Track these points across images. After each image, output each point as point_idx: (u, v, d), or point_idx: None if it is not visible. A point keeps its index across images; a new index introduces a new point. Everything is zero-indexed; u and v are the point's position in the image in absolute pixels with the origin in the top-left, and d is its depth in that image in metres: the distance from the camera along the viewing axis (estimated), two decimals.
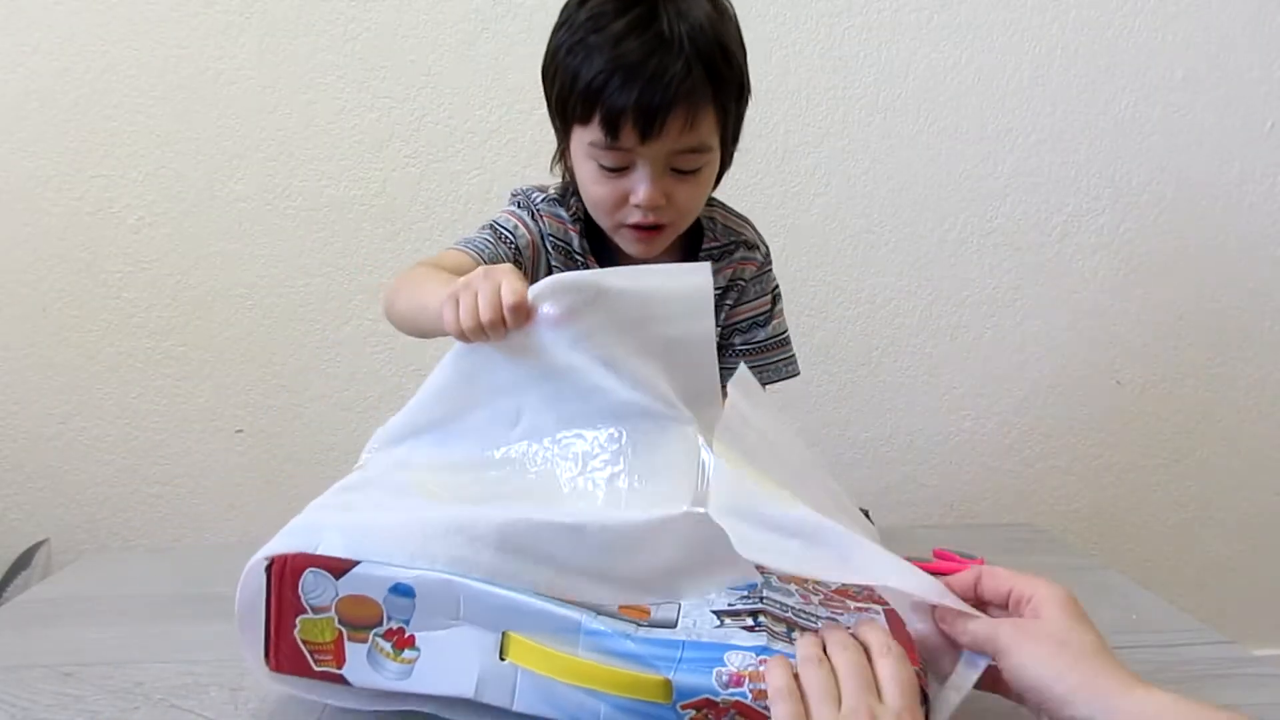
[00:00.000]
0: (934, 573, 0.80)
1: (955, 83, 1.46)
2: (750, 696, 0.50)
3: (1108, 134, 1.50)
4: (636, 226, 0.78)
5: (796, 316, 1.51)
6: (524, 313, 0.58)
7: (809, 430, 1.54)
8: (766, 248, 0.93)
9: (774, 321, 0.96)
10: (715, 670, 0.51)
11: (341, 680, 0.55)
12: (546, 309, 0.59)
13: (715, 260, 0.88)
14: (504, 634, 0.54)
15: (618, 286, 0.61)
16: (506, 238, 0.83)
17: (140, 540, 1.45)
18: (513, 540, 0.55)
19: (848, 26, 1.42)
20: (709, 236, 0.89)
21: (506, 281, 0.58)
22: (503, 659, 0.54)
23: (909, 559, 0.91)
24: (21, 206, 1.34)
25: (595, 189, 0.78)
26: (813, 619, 0.57)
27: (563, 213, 0.86)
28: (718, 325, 0.91)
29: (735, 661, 0.51)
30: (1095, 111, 1.50)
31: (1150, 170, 1.52)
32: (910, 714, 0.46)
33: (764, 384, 0.98)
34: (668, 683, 0.51)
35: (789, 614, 0.56)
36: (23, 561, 1.37)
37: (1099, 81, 1.49)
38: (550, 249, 0.85)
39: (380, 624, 0.54)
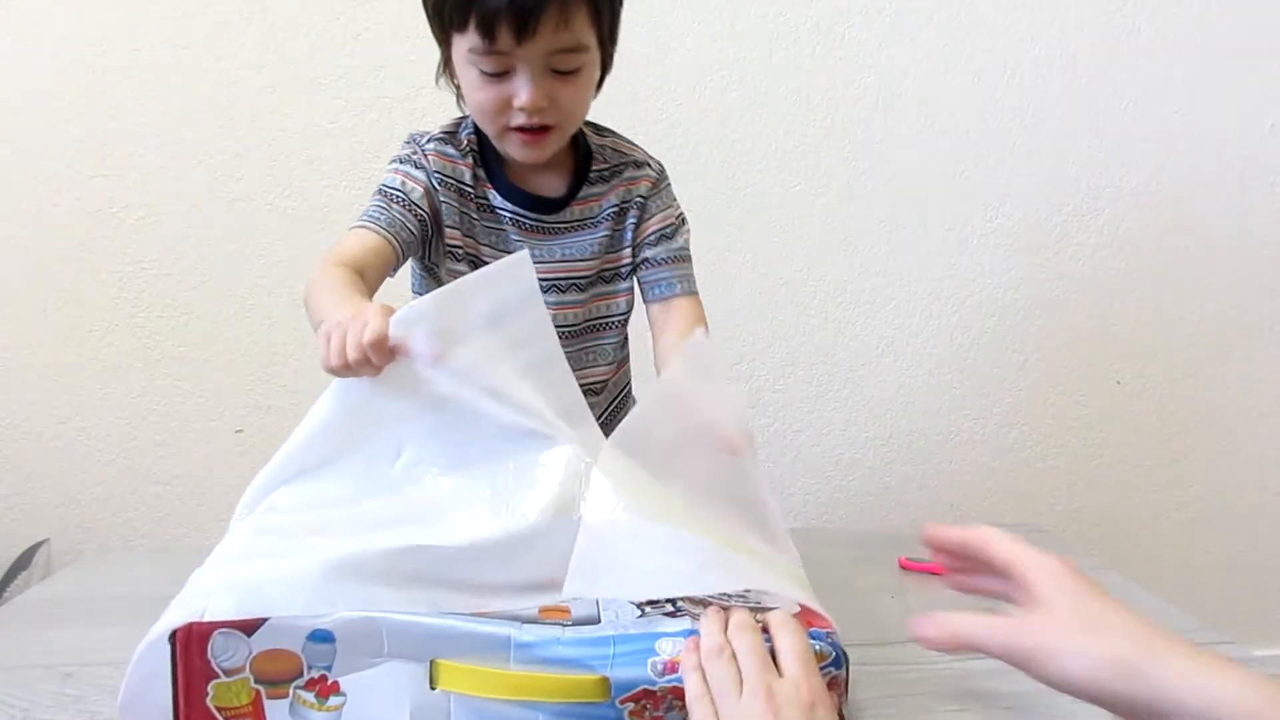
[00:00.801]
0: (934, 573, 0.80)
1: (955, 83, 1.46)
2: None
3: (1108, 134, 1.50)
4: (522, 130, 0.79)
5: (797, 316, 1.51)
6: (384, 351, 0.59)
7: (809, 430, 1.54)
8: (660, 165, 0.94)
9: (683, 238, 0.94)
10: (650, 660, 0.52)
11: None
12: (417, 344, 0.59)
13: (605, 180, 0.90)
14: (432, 662, 0.53)
15: (466, 313, 0.60)
16: (397, 197, 0.83)
17: (140, 540, 1.44)
18: (402, 569, 0.55)
19: (848, 26, 1.42)
20: (599, 159, 0.90)
21: (371, 322, 0.59)
22: (434, 688, 0.53)
23: (910, 559, 0.91)
24: (22, 206, 1.34)
25: (478, 95, 0.79)
26: (726, 597, 0.58)
27: (451, 150, 0.86)
28: (628, 245, 0.92)
29: (667, 649, 0.52)
30: (1095, 111, 1.50)
31: (1150, 170, 1.52)
32: (806, 681, 0.48)
33: (685, 294, 0.94)
34: (605, 681, 0.51)
35: (704, 594, 0.57)
36: (23, 561, 1.37)
37: (1099, 81, 1.49)
38: (439, 187, 0.85)
39: (300, 675, 0.52)
